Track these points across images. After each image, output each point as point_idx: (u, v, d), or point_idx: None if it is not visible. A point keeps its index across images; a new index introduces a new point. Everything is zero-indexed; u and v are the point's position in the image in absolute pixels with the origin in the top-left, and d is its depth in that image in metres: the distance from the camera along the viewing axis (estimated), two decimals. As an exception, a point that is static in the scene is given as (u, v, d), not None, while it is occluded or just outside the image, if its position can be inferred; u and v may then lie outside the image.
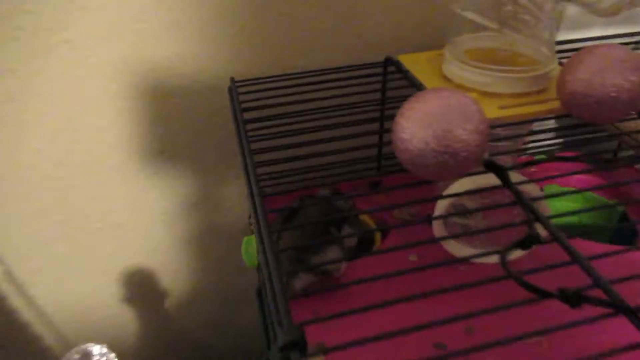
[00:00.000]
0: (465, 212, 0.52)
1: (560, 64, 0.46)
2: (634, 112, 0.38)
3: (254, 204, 0.36)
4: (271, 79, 0.52)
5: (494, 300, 0.27)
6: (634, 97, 0.37)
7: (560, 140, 0.69)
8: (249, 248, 0.54)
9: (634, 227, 0.58)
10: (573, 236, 0.31)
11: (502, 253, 0.28)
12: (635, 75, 0.36)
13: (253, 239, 0.55)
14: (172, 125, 0.57)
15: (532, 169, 0.61)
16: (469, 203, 0.54)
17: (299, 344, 0.24)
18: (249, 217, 0.61)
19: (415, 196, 0.52)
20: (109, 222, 0.62)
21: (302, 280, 0.46)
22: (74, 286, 0.66)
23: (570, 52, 0.55)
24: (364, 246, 0.53)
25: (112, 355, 0.41)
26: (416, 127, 0.32)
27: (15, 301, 0.64)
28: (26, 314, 0.66)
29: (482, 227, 0.52)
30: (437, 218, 0.47)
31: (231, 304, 0.76)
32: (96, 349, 0.41)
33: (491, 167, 0.34)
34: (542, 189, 0.58)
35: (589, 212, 0.61)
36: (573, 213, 0.32)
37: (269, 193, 0.56)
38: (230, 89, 0.50)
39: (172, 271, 0.69)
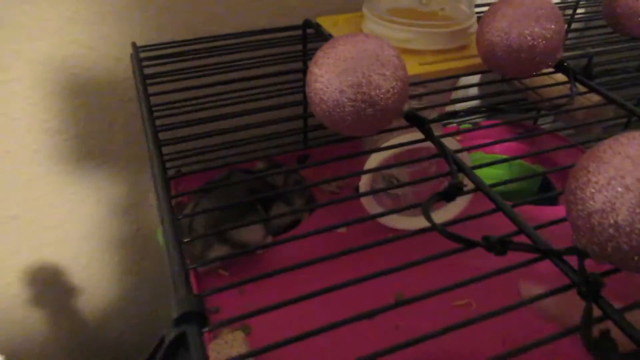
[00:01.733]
0: (391, 183, 0.51)
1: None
2: (550, 64, 0.38)
3: (153, 171, 0.32)
4: (178, 44, 0.47)
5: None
6: (551, 46, 0.37)
7: (483, 111, 0.70)
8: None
9: (555, 192, 0.59)
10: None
11: (425, 204, 0.26)
12: (553, 23, 0.36)
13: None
14: (68, 101, 0.50)
15: (458, 137, 0.61)
16: (397, 173, 0.52)
17: (197, 315, 0.20)
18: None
19: (343, 168, 0.50)
20: (2, 215, 0.55)
21: (217, 252, 0.42)
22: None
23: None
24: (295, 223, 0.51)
25: (1, 357, 0.35)
26: (330, 74, 0.29)
27: None
28: None
29: (410, 193, 0.51)
30: (367, 194, 0.45)
31: (153, 297, 0.70)
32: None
33: (413, 118, 0.32)
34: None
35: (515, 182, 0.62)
36: (505, 182, 0.31)
37: (182, 173, 0.51)
38: (132, 56, 0.45)
39: (84, 265, 0.62)
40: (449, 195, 0.27)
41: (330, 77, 0.29)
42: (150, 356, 0.24)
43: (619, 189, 0.20)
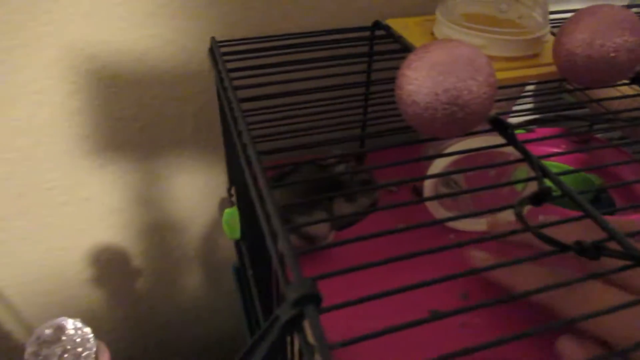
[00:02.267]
0: (450, 185, 0.52)
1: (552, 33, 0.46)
2: (630, 75, 0.38)
3: (247, 160, 0.34)
4: (250, 40, 0.49)
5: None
6: (632, 58, 0.37)
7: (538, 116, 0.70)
8: (230, 220, 0.52)
9: (611, 201, 0.59)
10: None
11: (517, 207, 0.27)
12: (636, 35, 0.36)
13: (234, 211, 0.52)
14: (144, 91, 0.53)
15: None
16: (456, 176, 0.53)
17: (314, 297, 0.22)
18: (228, 189, 0.58)
19: (400, 168, 0.51)
20: (75, 196, 0.58)
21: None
22: (34, 265, 0.61)
23: (556, 22, 0.55)
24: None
25: (87, 329, 0.38)
26: (424, 78, 0.30)
27: (-30, 282, 0.59)
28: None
29: (467, 196, 0.52)
30: (429, 199, 0.46)
31: (206, 284, 0.73)
32: (70, 323, 0.37)
33: (497, 124, 0.33)
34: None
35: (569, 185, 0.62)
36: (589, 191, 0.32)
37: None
38: (210, 50, 0.47)
39: (143, 250, 0.65)
40: (537, 200, 0.28)
41: (424, 80, 0.30)
42: (257, 340, 0.25)
43: None
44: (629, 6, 0.63)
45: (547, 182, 0.30)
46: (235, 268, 0.64)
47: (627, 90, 0.50)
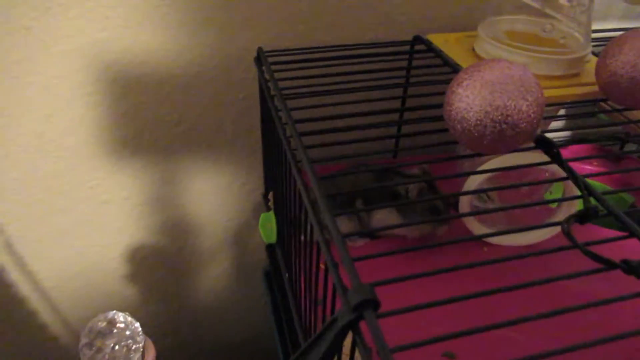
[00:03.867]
0: (483, 200, 0.53)
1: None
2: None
3: (297, 167, 0.35)
4: (297, 51, 0.50)
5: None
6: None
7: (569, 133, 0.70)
8: (267, 224, 0.53)
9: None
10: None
11: (564, 223, 0.28)
12: (680, 59, 0.37)
13: (271, 215, 0.54)
14: (189, 96, 0.55)
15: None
16: (492, 193, 0.54)
17: (373, 302, 0.23)
18: (264, 194, 0.59)
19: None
20: (116, 195, 0.60)
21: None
22: (74, 260, 0.64)
23: (598, 42, 0.56)
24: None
25: (137, 324, 0.40)
26: (475, 96, 0.31)
27: (14, 274, 0.62)
28: (24, 287, 0.63)
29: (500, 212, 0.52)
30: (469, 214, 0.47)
31: (234, 285, 0.75)
32: (121, 317, 0.39)
33: (542, 142, 0.34)
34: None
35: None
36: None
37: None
38: (257, 59, 0.49)
39: (177, 249, 0.67)
40: (584, 217, 0.29)
41: (475, 98, 0.31)
42: (315, 339, 0.27)
43: None
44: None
45: (592, 201, 0.31)
46: (265, 271, 0.65)
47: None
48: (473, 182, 0.46)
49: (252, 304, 0.78)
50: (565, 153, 0.33)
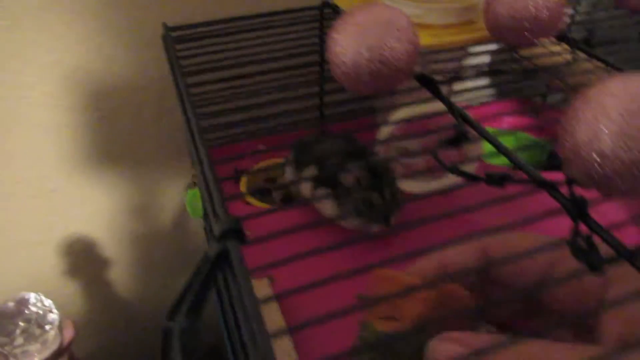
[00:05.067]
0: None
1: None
2: (553, 34, 0.41)
3: (192, 135, 0.35)
4: (205, 25, 0.50)
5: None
6: (554, 16, 0.39)
7: (492, 91, 0.73)
8: (193, 200, 0.54)
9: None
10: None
11: (434, 150, 0.29)
12: (554, -7, 0.39)
13: (196, 192, 0.54)
14: (105, 81, 0.55)
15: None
16: (409, 144, 0.56)
17: (237, 232, 0.24)
18: (193, 174, 0.60)
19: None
20: (43, 188, 0.59)
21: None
22: (7, 260, 0.63)
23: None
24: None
25: (49, 302, 0.39)
26: (350, 39, 0.32)
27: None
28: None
29: (421, 161, 0.54)
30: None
31: (180, 272, 0.74)
32: (32, 297, 0.39)
33: (422, 79, 0.35)
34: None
35: (521, 152, 0.65)
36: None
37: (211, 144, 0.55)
38: (164, 37, 0.49)
39: (117, 238, 0.67)
40: (455, 141, 0.30)
41: (349, 41, 0.32)
42: (194, 275, 0.27)
43: (603, 122, 0.23)
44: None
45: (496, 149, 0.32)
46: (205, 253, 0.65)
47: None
48: (382, 135, 0.47)
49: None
50: (489, 110, 0.34)
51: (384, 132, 0.46)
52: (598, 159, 0.24)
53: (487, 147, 0.32)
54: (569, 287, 0.26)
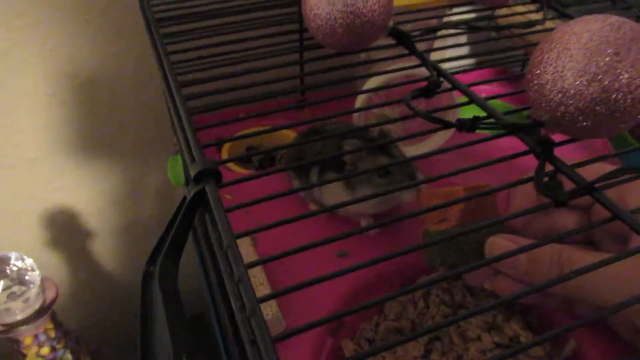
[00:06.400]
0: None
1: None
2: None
3: (169, 90, 0.35)
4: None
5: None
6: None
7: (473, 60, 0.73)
8: (175, 167, 0.54)
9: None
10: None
11: (407, 98, 0.30)
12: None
13: (178, 158, 0.54)
14: (82, 47, 0.54)
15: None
16: (389, 112, 0.56)
17: (214, 173, 0.24)
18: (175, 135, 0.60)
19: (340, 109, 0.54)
20: (23, 158, 0.59)
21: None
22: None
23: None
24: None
25: (30, 260, 0.39)
26: (323, -8, 0.32)
27: None
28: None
29: (400, 129, 0.55)
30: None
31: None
32: (13, 255, 0.39)
33: (397, 35, 0.36)
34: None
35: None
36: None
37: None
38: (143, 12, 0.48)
39: (99, 209, 0.66)
40: (428, 91, 0.31)
41: (322, -5, 0.32)
42: (172, 219, 0.28)
43: (566, 60, 0.24)
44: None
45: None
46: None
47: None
48: (359, 102, 0.48)
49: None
50: (466, 79, 0.34)
51: (361, 99, 0.47)
52: (561, 97, 0.24)
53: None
54: None
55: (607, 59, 0.23)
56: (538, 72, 0.25)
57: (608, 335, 0.30)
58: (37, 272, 0.39)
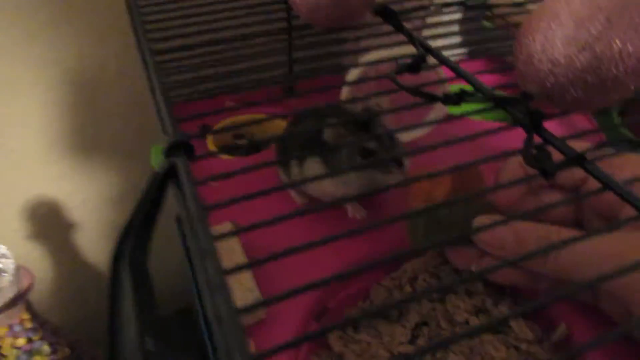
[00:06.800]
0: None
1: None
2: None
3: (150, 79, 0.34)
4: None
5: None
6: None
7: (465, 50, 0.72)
8: (158, 155, 0.52)
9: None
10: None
11: (392, 74, 0.29)
12: None
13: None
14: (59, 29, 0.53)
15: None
16: (379, 100, 0.55)
17: (185, 146, 0.23)
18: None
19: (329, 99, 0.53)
20: (1, 147, 0.57)
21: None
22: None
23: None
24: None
25: (4, 248, 0.38)
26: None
27: None
28: None
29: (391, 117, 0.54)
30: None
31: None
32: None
33: (383, 12, 0.34)
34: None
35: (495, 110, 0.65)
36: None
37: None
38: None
39: (82, 200, 0.65)
40: (413, 67, 0.30)
41: (306, -34, 0.31)
42: (142, 197, 0.26)
43: (555, 28, 0.23)
44: None
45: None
46: (176, 217, 0.64)
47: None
48: (351, 77, 0.46)
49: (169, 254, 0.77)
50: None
51: (352, 74, 0.46)
52: (551, 67, 0.23)
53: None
54: None
55: (599, 25, 0.22)
56: (527, 41, 0.24)
57: (600, 319, 0.29)
58: (11, 260, 0.37)
